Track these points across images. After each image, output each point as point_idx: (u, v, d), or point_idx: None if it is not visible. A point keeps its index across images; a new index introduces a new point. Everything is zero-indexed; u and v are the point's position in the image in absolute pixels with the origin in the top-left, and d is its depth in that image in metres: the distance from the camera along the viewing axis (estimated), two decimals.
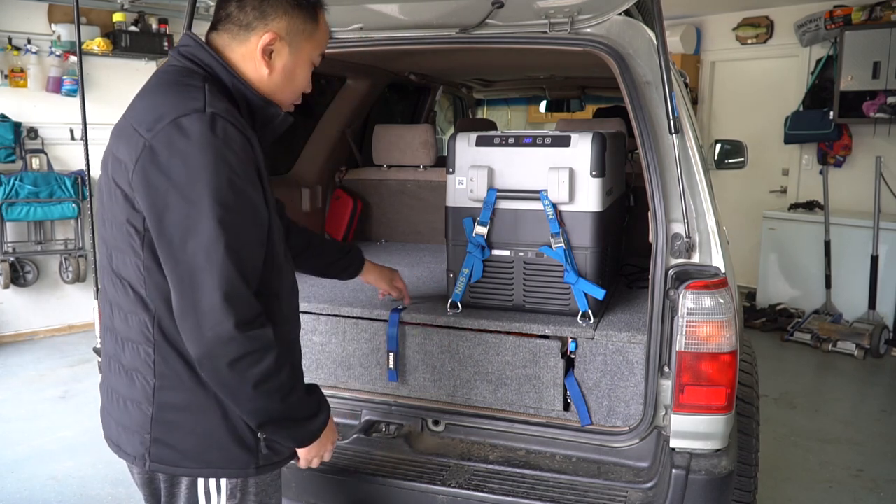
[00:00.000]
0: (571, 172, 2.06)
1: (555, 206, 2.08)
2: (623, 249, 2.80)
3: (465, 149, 2.18)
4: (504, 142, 2.14)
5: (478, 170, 2.14)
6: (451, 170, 2.20)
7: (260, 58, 1.36)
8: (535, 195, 2.09)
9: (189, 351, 1.25)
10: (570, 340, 2.06)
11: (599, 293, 2.08)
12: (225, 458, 1.36)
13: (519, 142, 2.12)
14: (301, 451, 1.45)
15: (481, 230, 2.16)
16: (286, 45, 1.38)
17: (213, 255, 1.18)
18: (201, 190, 1.18)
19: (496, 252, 2.19)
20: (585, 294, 2.09)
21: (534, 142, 2.11)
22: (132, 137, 1.25)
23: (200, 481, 1.38)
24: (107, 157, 1.35)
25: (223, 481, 1.38)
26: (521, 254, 2.17)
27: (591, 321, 2.08)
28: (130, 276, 1.31)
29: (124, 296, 1.33)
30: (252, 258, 1.26)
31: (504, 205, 2.15)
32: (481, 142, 2.16)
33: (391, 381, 2.18)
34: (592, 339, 2.03)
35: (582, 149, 2.06)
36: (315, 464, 1.48)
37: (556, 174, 2.06)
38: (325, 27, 1.45)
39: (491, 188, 2.14)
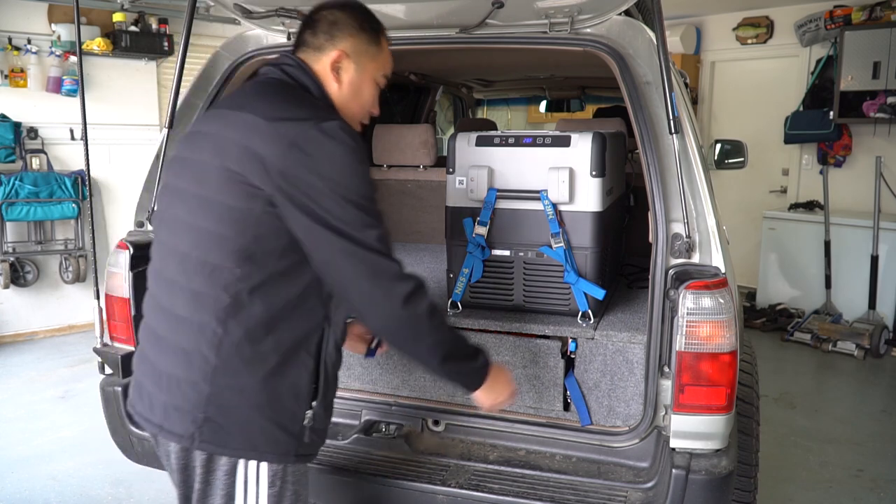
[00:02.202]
0: (571, 172, 2.06)
1: (555, 206, 2.08)
2: (623, 249, 2.79)
3: (465, 149, 2.18)
4: (504, 142, 2.14)
5: (478, 170, 2.14)
6: (451, 170, 2.20)
7: (330, 73, 1.53)
8: (535, 195, 2.09)
9: (377, 318, 1.40)
10: (570, 340, 2.06)
11: (599, 293, 2.08)
12: (270, 442, 1.41)
13: (519, 142, 2.12)
14: (479, 396, 1.61)
15: (481, 230, 2.16)
16: (352, 63, 1.55)
17: (374, 233, 1.38)
18: (352, 185, 1.36)
19: (496, 252, 2.19)
20: (585, 294, 2.09)
21: (534, 142, 2.10)
22: (271, 134, 1.35)
23: (240, 468, 1.41)
24: (222, 143, 1.39)
25: (265, 468, 1.42)
26: (521, 254, 2.17)
27: (591, 321, 2.08)
28: (225, 259, 1.36)
29: (203, 276, 1.37)
30: None
31: (504, 205, 2.15)
32: (481, 142, 2.16)
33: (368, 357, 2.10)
34: (592, 339, 2.03)
35: (582, 149, 2.06)
36: (497, 405, 1.65)
37: (556, 174, 2.06)
38: (387, 51, 1.63)
39: (491, 188, 2.14)
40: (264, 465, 1.42)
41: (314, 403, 1.46)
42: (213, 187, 1.38)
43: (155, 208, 1.62)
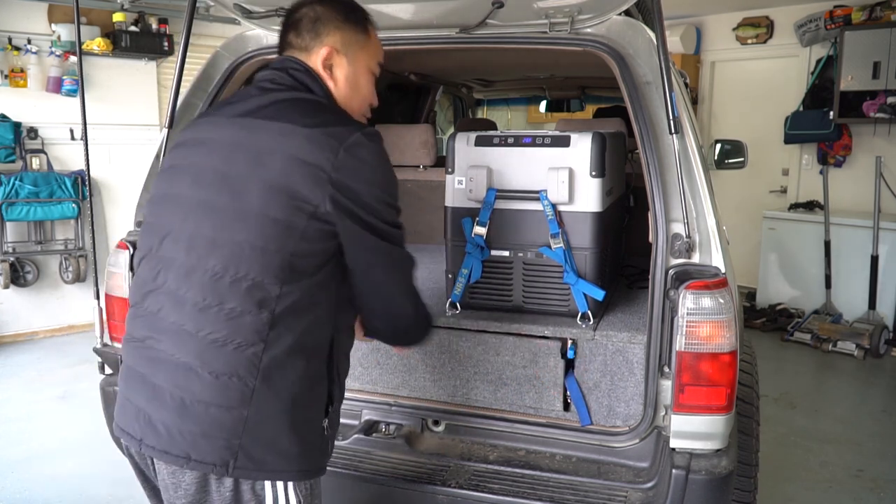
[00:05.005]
0: (571, 172, 2.06)
1: (554, 206, 2.08)
2: (623, 250, 2.79)
3: (465, 149, 2.17)
4: (503, 142, 2.13)
5: (477, 170, 2.13)
6: (450, 170, 2.20)
7: (323, 72, 1.49)
8: (535, 195, 2.09)
9: (400, 315, 1.52)
10: (569, 342, 2.06)
11: (599, 294, 2.08)
12: (302, 459, 1.37)
13: (518, 142, 2.12)
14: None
15: (480, 230, 2.15)
16: (343, 57, 1.51)
17: (401, 233, 1.45)
18: (392, 188, 1.42)
19: (495, 252, 2.18)
20: (585, 295, 2.09)
21: (533, 142, 2.10)
22: (319, 141, 1.32)
23: (269, 491, 1.35)
24: (259, 154, 1.33)
25: (292, 486, 1.37)
26: (521, 254, 2.16)
27: (591, 322, 2.08)
28: (265, 274, 1.30)
29: (240, 294, 1.30)
30: None
31: (503, 205, 2.15)
32: (481, 142, 2.16)
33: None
34: (592, 339, 2.03)
35: (581, 149, 2.06)
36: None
37: (555, 174, 2.06)
38: (376, 39, 1.60)
39: (490, 188, 2.13)
40: (291, 484, 1.37)
41: (330, 409, 1.44)
42: (255, 200, 1.31)
43: (147, 219, 1.49)
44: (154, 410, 1.35)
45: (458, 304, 2.19)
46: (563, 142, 2.08)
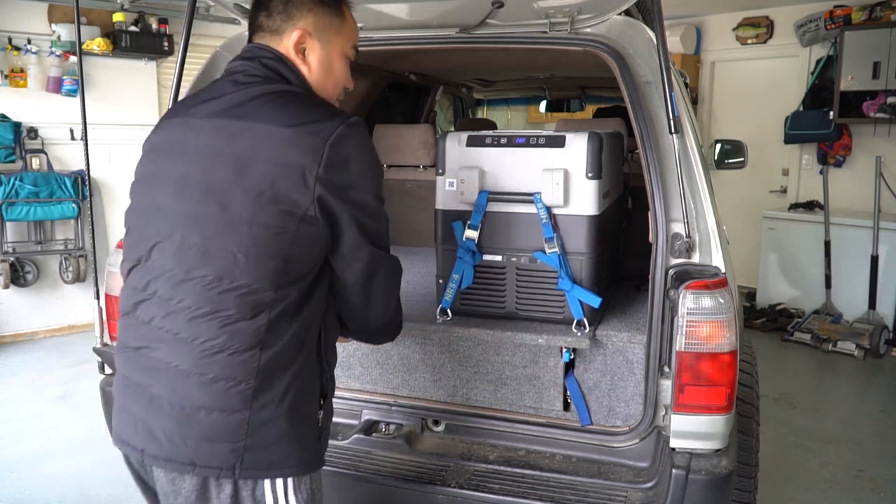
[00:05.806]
0: (566, 174, 2.00)
1: (549, 209, 2.02)
2: (621, 254, 2.78)
3: (456, 149, 2.11)
4: (496, 142, 2.08)
5: (468, 171, 2.07)
6: (440, 171, 2.13)
7: (295, 56, 1.45)
8: (529, 198, 2.04)
9: (378, 312, 1.51)
10: (563, 350, 2.03)
11: (595, 301, 2.02)
12: (302, 453, 1.37)
13: (511, 142, 2.06)
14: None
15: (472, 234, 2.09)
16: (316, 41, 1.47)
17: (386, 228, 1.46)
18: (379, 180, 1.42)
19: (487, 257, 2.13)
20: (581, 302, 2.03)
21: (527, 142, 2.05)
22: (302, 141, 1.30)
23: (268, 488, 1.35)
24: (241, 161, 1.31)
25: (294, 481, 1.37)
26: (514, 259, 2.10)
27: (587, 330, 2.02)
28: (259, 281, 1.30)
29: (236, 302, 1.30)
30: None
31: (496, 208, 2.09)
32: (472, 142, 2.10)
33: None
34: (587, 348, 2.01)
35: (577, 149, 2.01)
36: None
37: (550, 176, 2.00)
38: (351, 21, 1.54)
39: (482, 190, 2.07)
40: (291, 486, 1.37)
41: (323, 402, 1.45)
42: (242, 209, 1.30)
43: (132, 227, 1.46)
44: (154, 420, 1.34)
45: (448, 311, 2.13)
46: (558, 142, 2.02)
